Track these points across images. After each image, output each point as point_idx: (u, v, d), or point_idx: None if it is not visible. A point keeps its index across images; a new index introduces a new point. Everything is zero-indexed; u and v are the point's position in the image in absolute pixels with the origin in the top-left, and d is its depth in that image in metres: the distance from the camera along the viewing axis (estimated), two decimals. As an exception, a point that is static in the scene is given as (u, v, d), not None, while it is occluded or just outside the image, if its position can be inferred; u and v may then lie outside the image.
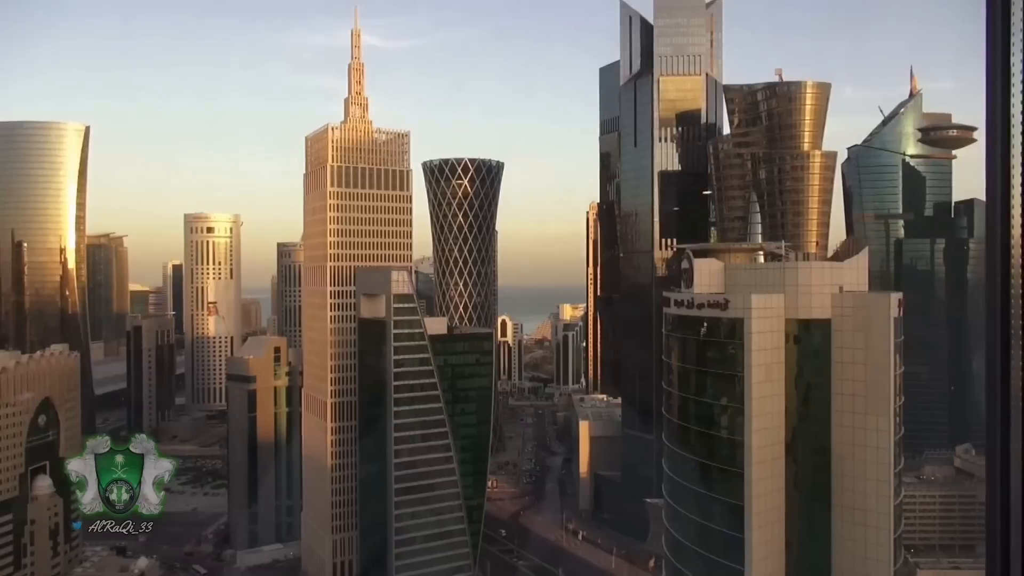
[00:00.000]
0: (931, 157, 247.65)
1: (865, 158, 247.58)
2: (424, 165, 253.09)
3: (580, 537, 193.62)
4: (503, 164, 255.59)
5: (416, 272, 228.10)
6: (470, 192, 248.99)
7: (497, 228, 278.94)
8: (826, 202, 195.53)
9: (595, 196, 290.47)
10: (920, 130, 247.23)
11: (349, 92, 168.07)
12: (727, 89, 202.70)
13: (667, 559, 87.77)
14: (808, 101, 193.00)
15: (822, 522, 75.90)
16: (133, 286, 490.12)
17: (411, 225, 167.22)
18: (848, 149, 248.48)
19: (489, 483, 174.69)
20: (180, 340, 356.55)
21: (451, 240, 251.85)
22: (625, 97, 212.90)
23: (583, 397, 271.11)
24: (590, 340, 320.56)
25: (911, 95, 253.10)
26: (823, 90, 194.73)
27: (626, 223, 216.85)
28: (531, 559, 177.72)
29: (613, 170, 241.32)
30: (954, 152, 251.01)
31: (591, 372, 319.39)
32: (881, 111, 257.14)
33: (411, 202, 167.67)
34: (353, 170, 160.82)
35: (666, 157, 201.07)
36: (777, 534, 75.86)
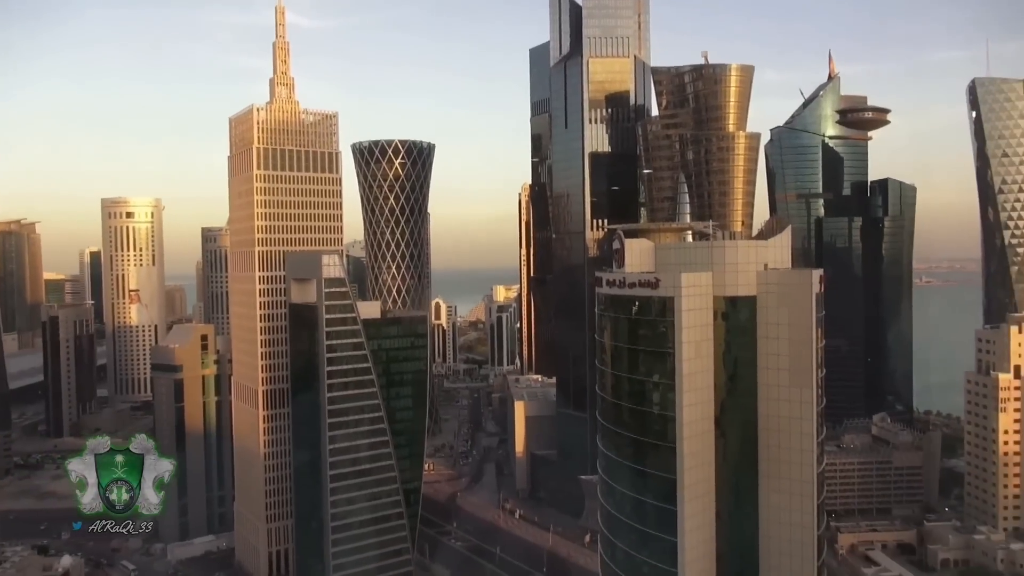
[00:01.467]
0: (848, 138, 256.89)
1: (787, 139, 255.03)
2: (354, 147, 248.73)
3: (517, 516, 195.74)
4: (434, 146, 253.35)
5: (348, 256, 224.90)
6: (401, 174, 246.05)
7: (429, 211, 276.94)
8: (751, 182, 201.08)
9: (527, 178, 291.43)
10: (838, 112, 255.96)
11: (274, 72, 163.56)
12: (655, 71, 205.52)
13: (602, 534, 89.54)
14: (733, 83, 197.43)
15: (750, 492, 78.62)
16: (48, 274, 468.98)
17: (341, 208, 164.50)
18: (771, 130, 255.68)
19: (426, 466, 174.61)
20: (100, 330, 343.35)
21: (383, 223, 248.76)
22: (555, 79, 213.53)
23: (518, 378, 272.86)
24: (524, 321, 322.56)
25: (829, 78, 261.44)
26: (747, 73, 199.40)
27: (558, 204, 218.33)
28: (469, 540, 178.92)
29: (545, 152, 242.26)
30: (870, 133, 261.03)
31: (525, 353, 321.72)
32: (802, 93, 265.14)
33: (341, 185, 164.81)
34: (280, 152, 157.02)
35: (596, 138, 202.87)
36: (708, 505, 78.24)
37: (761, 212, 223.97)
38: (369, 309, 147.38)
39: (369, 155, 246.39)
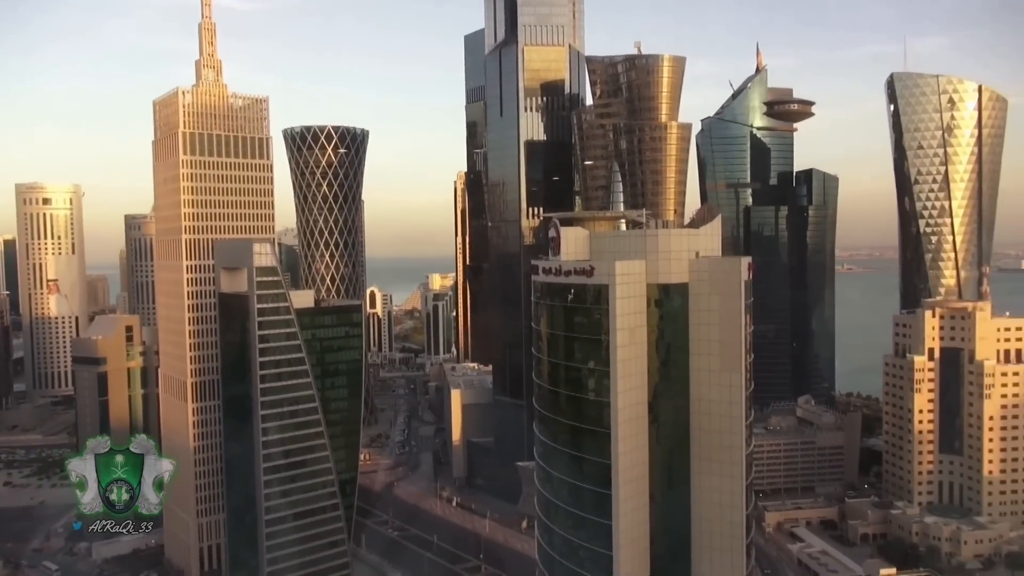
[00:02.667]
0: (775, 129, 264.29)
1: (717, 130, 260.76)
2: (285, 132, 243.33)
3: (454, 504, 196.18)
4: (368, 132, 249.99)
5: (280, 244, 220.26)
6: (334, 161, 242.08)
7: (364, 198, 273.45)
8: (683, 171, 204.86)
9: (463, 166, 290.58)
10: (765, 104, 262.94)
11: (200, 54, 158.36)
12: (589, 61, 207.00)
13: (539, 519, 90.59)
14: (665, 74, 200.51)
15: (682, 474, 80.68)
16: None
17: (273, 195, 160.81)
18: (702, 121, 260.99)
19: (362, 456, 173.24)
20: (16, 321, 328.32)
21: (316, 210, 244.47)
22: (490, 66, 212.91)
23: (454, 366, 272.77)
24: (460, 309, 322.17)
25: (757, 70, 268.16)
26: (678, 64, 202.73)
27: (494, 192, 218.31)
28: (406, 529, 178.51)
29: (480, 139, 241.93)
30: (795, 125, 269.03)
31: (462, 341, 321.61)
32: (731, 85, 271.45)
33: (272, 171, 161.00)
34: (207, 137, 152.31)
35: (532, 127, 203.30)
36: (642, 488, 79.94)
37: (692, 201, 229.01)
38: (302, 298, 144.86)
39: (301, 141, 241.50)
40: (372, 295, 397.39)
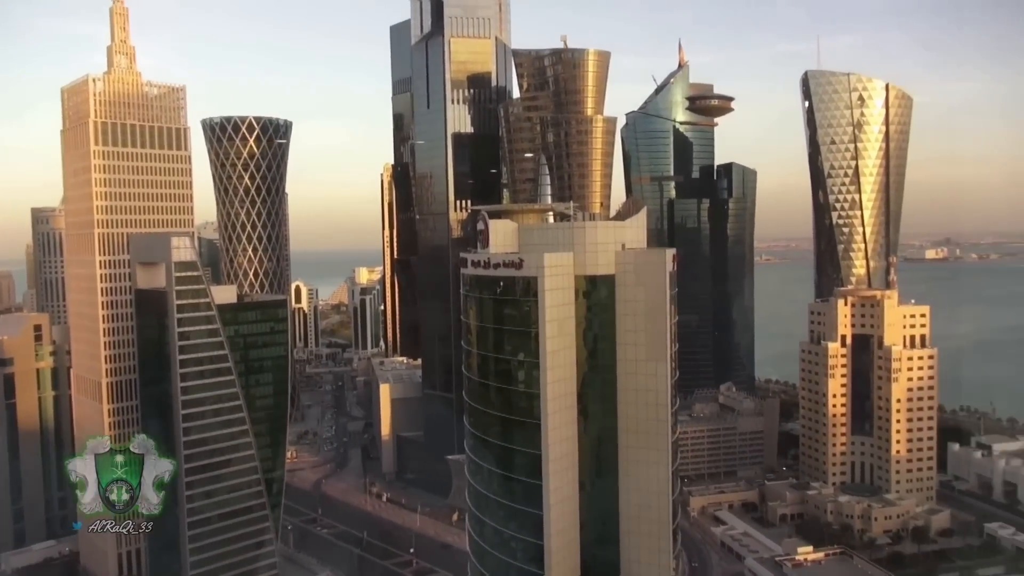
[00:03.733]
0: (697, 124, 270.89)
1: (641, 124, 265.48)
2: (204, 123, 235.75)
3: (384, 499, 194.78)
4: (291, 123, 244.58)
5: (200, 238, 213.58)
6: (256, 152, 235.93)
7: (288, 190, 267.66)
8: (608, 165, 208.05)
9: (390, 158, 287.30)
10: (687, 99, 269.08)
11: (112, 39, 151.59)
12: (516, 54, 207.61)
13: (470, 511, 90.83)
14: (591, 68, 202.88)
15: (611, 462, 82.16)
16: None
17: (191, 188, 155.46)
18: (626, 115, 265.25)
19: (288, 454, 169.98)
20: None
21: (237, 203, 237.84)
22: (417, 57, 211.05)
23: (383, 360, 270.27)
24: (388, 303, 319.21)
25: (679, 66, 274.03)
26: (604, 58, 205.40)
27: (421, 185, 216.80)
28: (335, 526, 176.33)
29: (407, 131, 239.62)
30: (716, 120, 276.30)
31: (390, 335, 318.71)
32: (654, 80, 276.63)
33: (190, 162, 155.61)
34: (121, 127, 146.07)
35: (459, 119, 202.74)
36: (572, 478, 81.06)
37: (618, 194, 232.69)
38: (224, 293, 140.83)
39: (221, 132, 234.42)
40: (297, 289, 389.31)
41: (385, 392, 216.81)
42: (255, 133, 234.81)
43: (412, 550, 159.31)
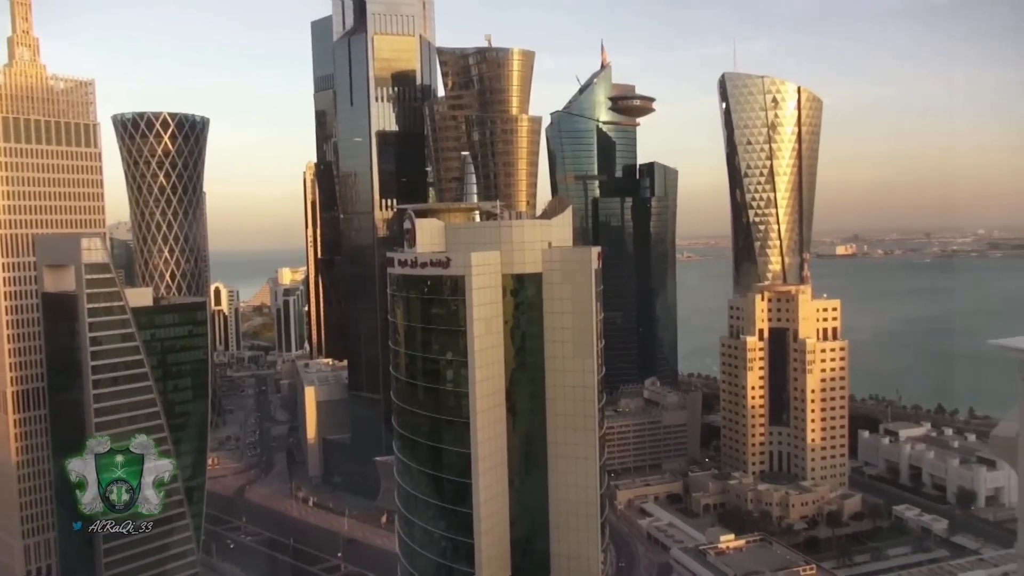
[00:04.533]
0: (619, 124, 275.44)
1: (565, 123, 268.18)
2: (115, 119, 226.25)
3: (311, 504, 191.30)
4: (208, 120, 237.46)
5: (112, 239, 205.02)
6: (171, 149, 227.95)
7: (206, 189, 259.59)
8: (534, 164, 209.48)
9: (312, 156, 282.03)
10: (610, 99, 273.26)
11: (13, 30, 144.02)
12: (440, 52, 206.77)
13: (399, 513, 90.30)
14: (515, 67, 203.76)
15: (539, 459, 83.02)
16: None
17: (102, 186, 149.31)
18: (551, 114, 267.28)
19: (210, 460, 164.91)
20: None
21: (152, 203, 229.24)
22: (339, 54, 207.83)
23: (308, 363, 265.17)
24: (312, 304, 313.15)
25: (602, 67, 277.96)
26: (528, 58, 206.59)
27: (345, 184, 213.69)
28: (261, 533, 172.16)
29: (330, 129, 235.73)
30: (638, 120, 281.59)
31: (315, 337, 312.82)
32: (578, 80, 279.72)
33: (101, 160, 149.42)
34: (24, 122, 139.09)
35: (383, 117, 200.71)
36: (501, 476, 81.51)
37: (543, 193, 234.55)
38: (139, 296, 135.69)
39: (134, 128, 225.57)
40: (217, 291, 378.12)
41: (310, 395, 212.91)
42: (170, 130, 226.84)
43: (340, 554, 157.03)
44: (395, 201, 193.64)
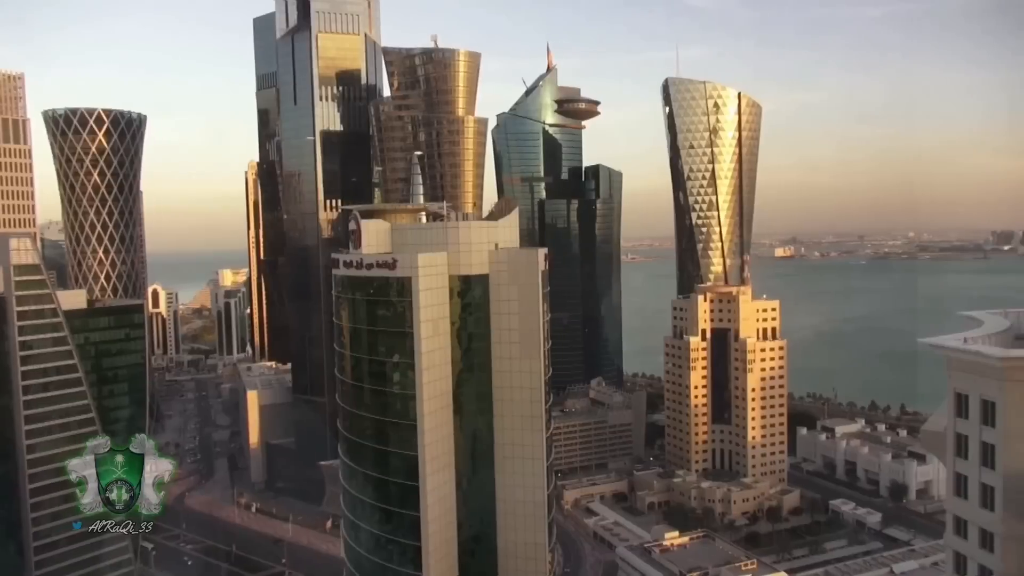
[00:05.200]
0: (565, 126, 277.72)
1: (511, 125, 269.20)
2: (46, 115, 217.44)
3: (253, 510, 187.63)
4: (146, 117, 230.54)
5: (43, 239, 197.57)
6: (107, 147, 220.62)
7: (143, 188, 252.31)
8: (480, 165, 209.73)
9: (255, 155, 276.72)
10: (556, 102, 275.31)
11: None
12: (386, 52, 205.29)
13: (345, 517, 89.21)
14: (462, 69, 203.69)
15: (487, 461, 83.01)
16: None
17: (32, 184, 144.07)
18: (497, 116, 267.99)
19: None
20: None
21: (85, 202, 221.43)
22: (283, 52, 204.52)
23: (250, 366, 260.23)
24: (255, 306, 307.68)
25: (548, 69, 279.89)
26: (474, 59, 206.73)
27: (289, 184, 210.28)
28: (201, 541, 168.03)
29: (273, 128, 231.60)
30: (583, 123, 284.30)
31: (257, 339, 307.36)
32: (524, 82, 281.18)
33: (31, 157, 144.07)
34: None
35: (328, 116, 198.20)
36: (448, 478, 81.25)
37: (489, 194, 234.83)
38: (72, 299, 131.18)
39: (66, 125, 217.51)
40: (155, 293, 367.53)
41: (253, 399, 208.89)
42: (104, 127, 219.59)
43: (284, 560, 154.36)
44: (340, 201, 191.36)
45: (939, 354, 48.71)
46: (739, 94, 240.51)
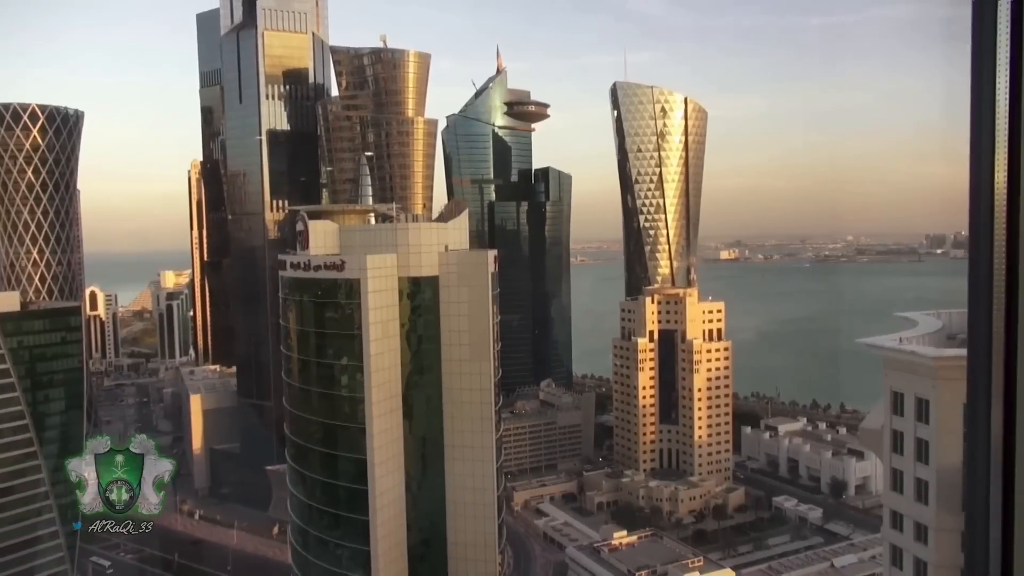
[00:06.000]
0: (515, 129, 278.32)
1: (461, 127, 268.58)
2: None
3: (197, 517, 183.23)
4: (83, 113, 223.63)
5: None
6: (41, 143, 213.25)
7: (80, 187, 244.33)
8: (430, 166, 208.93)
9: (198, 153, 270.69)
10: (506, 104, 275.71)
11: None
12: (334, 51, 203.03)
13: (293, 522, 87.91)
14: (411, 69, 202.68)
15: (436, 463, 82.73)
16: None
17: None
18: (447, 117, 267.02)
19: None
20: None
21: (19, 200, 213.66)
22: (227, 49, 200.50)
23: (193, 370, 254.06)
24: (198, 308, 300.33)
25: (498, 71, 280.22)
26: (424, 60, 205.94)
27: (234, 183, 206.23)
28: (142, 550, 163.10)
29: (217, 126, 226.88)
30: (533, 125, 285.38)
31: (201, 342, 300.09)
32: (473, 84, 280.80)
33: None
34: None
35: (274, 115, 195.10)
36: (398, 481, 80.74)
37: (439, 196, 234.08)
38: (5, 301, 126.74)
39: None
40: (93, 295, 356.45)
41: (196, 403, 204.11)
42: (39, 122, 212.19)
43: (229, 568, 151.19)
44: (287, 202, 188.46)
45: (876, 354, 50.36)
46: (685, 99, 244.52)
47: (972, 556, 7.28)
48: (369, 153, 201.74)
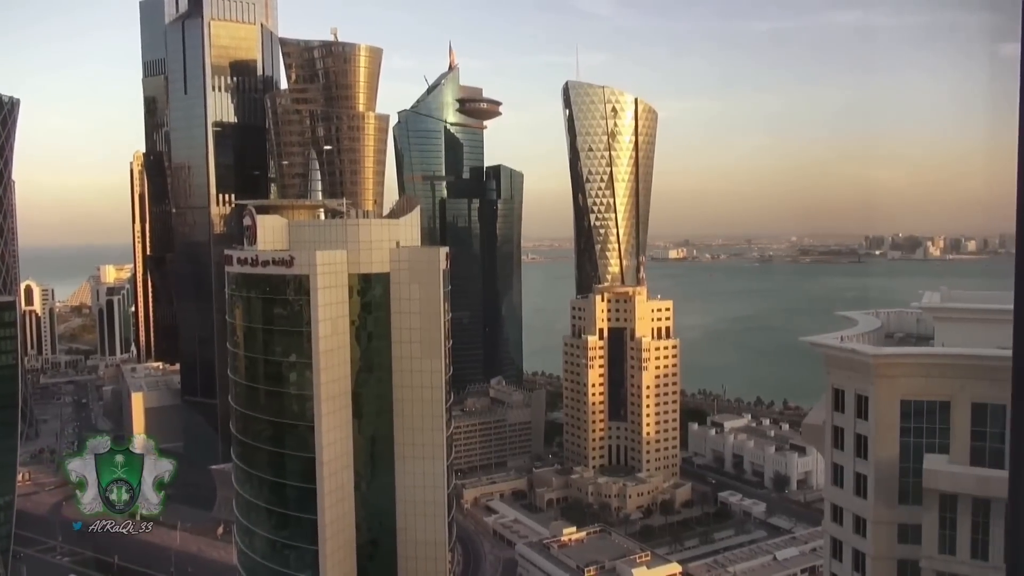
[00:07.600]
0: (467, 126, 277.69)
1: (413, 123, 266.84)
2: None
3: (138, 518, 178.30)
4: (19, 101, 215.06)
5: None
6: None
7: (15, 178, 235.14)
8: (381, 162, 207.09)
9: (141, 145, 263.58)
10: (458, 101, 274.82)
11: None
12: (284, 43, 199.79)
13: (238, 523, 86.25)
14: (362, 64, 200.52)
15: (386, 461, 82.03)
16: None
17: None
18: (399, 113, 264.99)
19: (19, 476, 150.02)
20: None
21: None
22: (172, 38, 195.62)
23: (135, 367, 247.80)
24: (140, 304, 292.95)
25: (450, 68, 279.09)
26: (375, 54, 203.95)
27: (178, 176, 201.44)
28: (80, 553, 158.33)
29: (161, 117, 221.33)
30: (485, 123, 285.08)
31: (143, 339, 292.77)
32: (426, 80, 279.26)
33: None
34: None
35: (221, 107, 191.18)
36: (347, 479, 79.82)
37: (390, 192, 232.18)
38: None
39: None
40: (28, 289, 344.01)
41: (138, 401, 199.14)
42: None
43: (172, 570, 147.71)
44: (233, 196, 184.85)
45: (818, 351, 51.70)
46: (636, 100, 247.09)
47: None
48: (328, 147, 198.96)
